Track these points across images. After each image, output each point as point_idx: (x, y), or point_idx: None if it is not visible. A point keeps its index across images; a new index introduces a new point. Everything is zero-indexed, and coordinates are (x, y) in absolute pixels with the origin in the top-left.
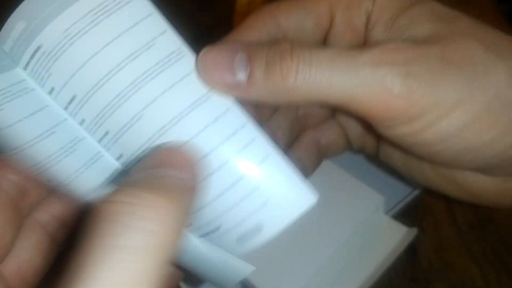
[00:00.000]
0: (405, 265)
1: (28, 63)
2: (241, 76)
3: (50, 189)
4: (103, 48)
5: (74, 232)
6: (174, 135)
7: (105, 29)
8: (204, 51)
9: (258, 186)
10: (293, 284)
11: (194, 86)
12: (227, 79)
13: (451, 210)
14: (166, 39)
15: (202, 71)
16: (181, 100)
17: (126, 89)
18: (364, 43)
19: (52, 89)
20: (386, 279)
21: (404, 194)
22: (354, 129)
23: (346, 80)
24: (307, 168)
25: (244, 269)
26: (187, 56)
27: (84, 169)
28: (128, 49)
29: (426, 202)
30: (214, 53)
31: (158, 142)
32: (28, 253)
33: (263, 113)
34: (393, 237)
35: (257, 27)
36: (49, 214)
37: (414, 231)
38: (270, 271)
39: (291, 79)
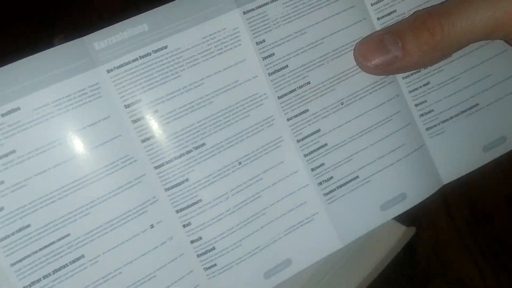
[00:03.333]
0: (403, 263)
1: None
2: (396, 51)
3: None
4: (62, 138)
5: None
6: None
7: (70, 119)
8: (356, 46)
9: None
10: (292, 282)
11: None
12: (385, 58)
13: (449, 209)
14: (119, 143)
15: (361, 63)
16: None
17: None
18: None
19: None
20: (384, 278)
21: None
22: None
23: (485, 12)
24: None
25: None
26: (139, 161)
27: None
28: (83, 145)
29: (424, 201)
30: (364, 44)
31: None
32: None
33: None
34: (391, 236)
35: None
36: None
37: (412, 230)
38: None
39: (439, 33)
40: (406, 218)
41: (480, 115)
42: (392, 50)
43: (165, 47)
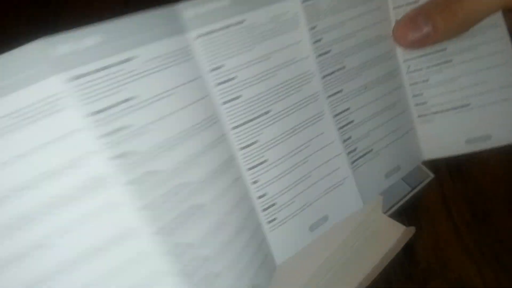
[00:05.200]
0: (403, 263)
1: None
2: (427, 28)
3: None
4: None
5: None
6: None
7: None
8: (394, 27)
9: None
10: (292, 282)
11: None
12: (419, 35)
13: (448, 209)
14: (205, 104)
15: (400, 40)
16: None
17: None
18: None
19: None
20: (384, 278)
21: (402, 193)
22: None
23: None
24: None
25: None
26: (220, 122)
27: None
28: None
29: (424, 201)
30: (401, 24)
31: None
32: None
33: None
34: (391, 236)
35: None
36: None
37: (412, 230)
38: None
39: (461, 12)
40: (405, 218)
41: (470, 113)
42: (424, 29)
43: (243, 20)
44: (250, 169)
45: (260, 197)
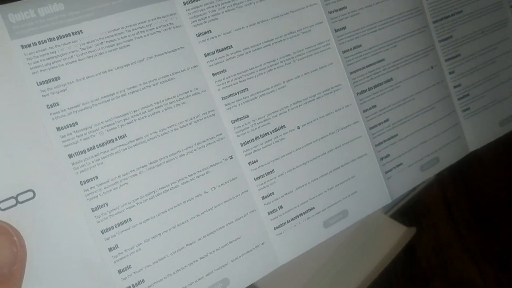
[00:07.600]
0: (404, 264)
1: (195, 0)
2: None
3: None
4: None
5: None
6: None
7: None
8: None
9: (354, 176)
10: (293, 282)
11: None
12: None
13: (449, 210)
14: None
15: None
16: None
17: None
18: None
19: (207, 32)
20: (385, 278)
21: (403, 194)
22: None
23: None
24: None
25: None
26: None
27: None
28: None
29: (425, 202)
30: None
31: None
32: None
33: None
34: (392, 236)
35: None
36: None
37: (412, 231)
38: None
39: None
40: (406, 219)
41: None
42: None
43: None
44: (447, 60)
45: (456, 86)
